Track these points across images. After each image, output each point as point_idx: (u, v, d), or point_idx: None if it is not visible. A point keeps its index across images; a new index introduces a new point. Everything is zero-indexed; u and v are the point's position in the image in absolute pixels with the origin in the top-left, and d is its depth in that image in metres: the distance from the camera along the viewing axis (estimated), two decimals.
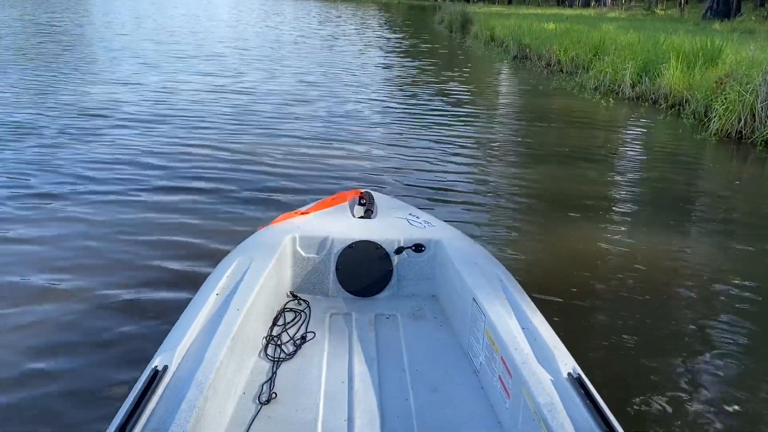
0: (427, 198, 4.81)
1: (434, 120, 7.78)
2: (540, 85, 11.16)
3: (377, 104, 8.73)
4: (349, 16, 35.47)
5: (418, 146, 6.41)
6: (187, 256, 3.61)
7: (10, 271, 3.38)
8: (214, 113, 7.64)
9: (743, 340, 2.96)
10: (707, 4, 25.23)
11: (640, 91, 9.69)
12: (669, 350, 2.86)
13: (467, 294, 2.23)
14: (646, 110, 9.00)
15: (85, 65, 11.32)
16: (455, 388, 2.04)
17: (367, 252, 2.61)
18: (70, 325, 2.86)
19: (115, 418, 1.49)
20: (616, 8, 34.07)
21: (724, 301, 3.36)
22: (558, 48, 13.33)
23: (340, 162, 5.69)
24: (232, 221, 4.16)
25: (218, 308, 2.01)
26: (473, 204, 4.74)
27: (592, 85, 10.80)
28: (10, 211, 4.23)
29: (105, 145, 6.01)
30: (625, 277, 3.58)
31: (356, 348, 2.24)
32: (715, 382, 2.64)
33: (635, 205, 4.85)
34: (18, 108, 7.54)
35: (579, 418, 1.53)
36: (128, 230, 3.96)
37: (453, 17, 26.22)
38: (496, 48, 17.92)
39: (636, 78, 9.93)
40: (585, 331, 3.00)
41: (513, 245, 3.98)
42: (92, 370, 2.53)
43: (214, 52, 14.59)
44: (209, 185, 4.87)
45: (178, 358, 1.74)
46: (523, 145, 6.64)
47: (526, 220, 4.42)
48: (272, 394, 1.95)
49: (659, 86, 9.38)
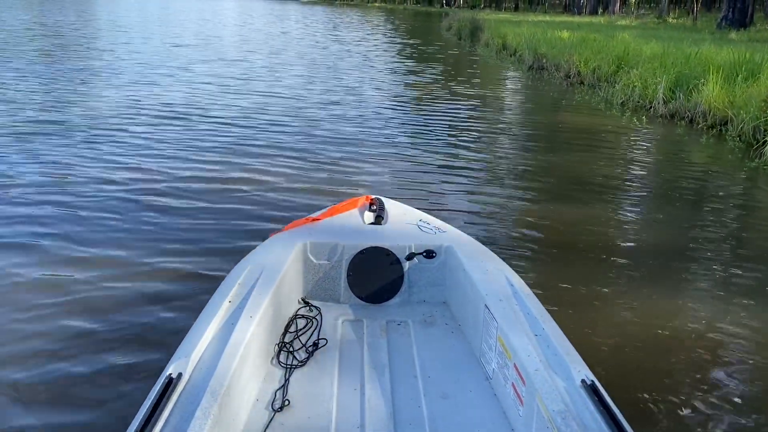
0: (438, 204, 4.67)
1: (448, 132, 7.39)
2: (562, 99, 10.21)
3: (389, 113, 8.40)
4: (356, 23, 34.56)
5: (431, 156, 6.16)
6: (198, 264, 3.52)
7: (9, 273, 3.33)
8: (225, 117, 7.56)
9: (761, 352, 2.84)
10: (722, 13, 24.23)
11: (674, 108, 8.73)
12: (686, 358, 2.78)
13: (479, 300, 2.19)
14: (684, 130, 8.04)
15: (104, 71, 10.77)
16: (467, 394, 2.00)
17: (378, 258, 2.56)
18: (82, 332, 2.80)
19: (130, 426, 1.47)
20: (624, 16, 33.13)
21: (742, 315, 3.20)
22: (578, 59, 12.37)
23: (350, 168, 5.56)
24: (243, 228, 4.07)
25: (231, 315, 1.98)
26: (485, 211, 4.62)
27: (619, 100, 9.84)
28: (24, 209, 4.23)
29: (117, 148, 5.96)
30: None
31: (368, 355, 2.21)
32: (732, 392, 2.55)
33: (681, 255, 3.91)
34: (43, 109, 7.60)
35: (593, 425, 1.50)
36: (139, 237, 3.85)
37: (462, 24, 25.24)
38: (508, 57, 16.96)
39: (668, 94, 8.98)
40: (598, 338, 2.92)
41: (526, 253, 3.85)
42: (106, 379, 2.49)
43: (227, 56, 14.10)
44: (220, 192, 4.76)
45: (191, 365, 1.71)
46: (546, 170, 5.70)
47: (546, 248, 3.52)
48: (285, 401, 1.93)
49: (695, 103, 8.42)
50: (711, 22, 26.75)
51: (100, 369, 2.54)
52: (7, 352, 2.64)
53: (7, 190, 4.62)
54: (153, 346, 2.69)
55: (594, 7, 37.81)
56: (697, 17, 27.97)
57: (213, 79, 10.72)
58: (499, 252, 3.58)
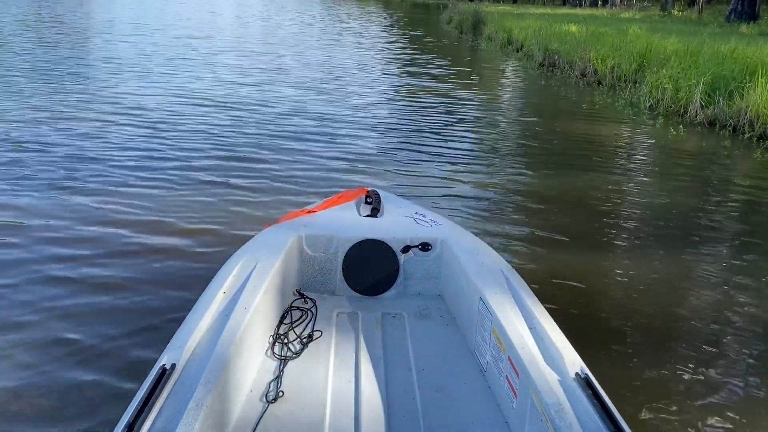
0: (434, 198, 4.55)
1: (448, 128, 6.99)
2: (582, 103, 9.02)
3: (388, 107, 8.07)
4: (354, 15, 33.18)
5: (430, 151, 5.90)
6: (193, 255, 3.44)
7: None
8: (216, 110, 7.30)
9: (755, 345, 2.74)
10: (731, 6, 23.01)
11: (713, 114, 7.56)
12: (681, 351, 2.70)
13: (474, 293, 2.14)
14: (730, 142, 6.88)
15: (112, 60, 10.02)
16: (462, 387, 1.97)
17: (374, 251, 2.50)
18: (74, 322, 2.71)
19: (123, 416, 1.43)
20: (625, 8, 31.85)
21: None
22: (595, 56, 11.17)
23: (346, 160, 5.41)
24: (238, 219, 3.97)
25: (225, 306, 1.94)
26: (481, 205, 4.50)
27: (646, 103, 8.67)
28: (26, 202, 4.15)
29: (109, 140, 5.77)
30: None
31: (363, 347, 2.16)
32: (729, 385, 2.47)
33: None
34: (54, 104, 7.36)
35: (587, 418, 1.46)
36: (133, 228, 3.75)
37: (463, 17, 23.91)
38: (514, 52, 15.72)
39: (705, 98, 7.80)
40: (593, 331, 2.84)
41: (522, 247, 3.79)
42: (99, 369, 2.40)
43: (226, 48, 13.17)
44: (215, 184, 4.64)
45: (185, 356, 1.67)
46: (561, 189, 4.56)
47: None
48: (279, 393, 1.89)
49: (739, 109, 7.26)
50: (717, 15, 25.51)
51: (92, 359, 2.48)
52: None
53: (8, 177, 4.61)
54: (147, 336, 2.63)
55: (594, 0, 36.50)
56: (702, 10, 26.70)
57: (211, 69, 10.42)
58: (495, 245, 3.55)
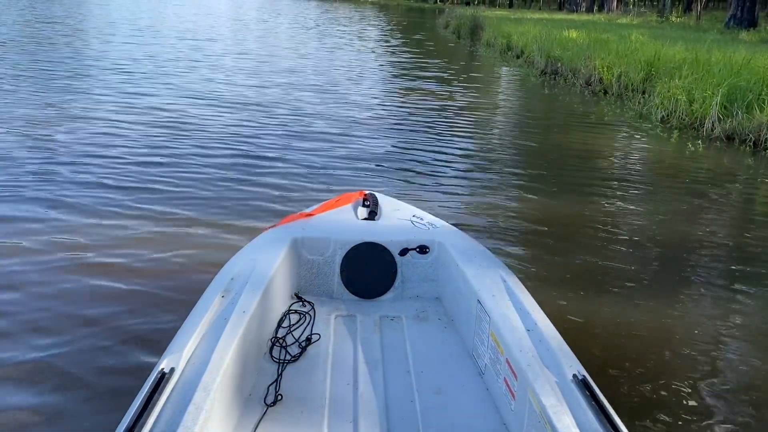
0: (432, 201, 4.51)
1: (446, 133, 6.90)
2: (590, 113, 8.51)
3: (386, 112, 7.90)
4: (350, 19, 32.65)
5: (427, 155, 5.84)
6: (192, 258, 3.37)
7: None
8: (214, 113, 7.19)
9: (756, 346, 2.72)
10: (730, 12, 22.60)
11: (731, 127, 7.07)
12: (679, 354, 2.67)
13: (472, 295, 2.13)
14: (753, 159, 6.38)
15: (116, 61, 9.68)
16: (460, 389, 1.95)
17: (372, 254, 2.49)
18: (72, 325, 2.67)
19: (122, 421, 1.42)
20: (622, 14, 31.45)
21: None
22: (601, 64, 10.67)
23: (344, 164, 5.38)
24: (236, 223, 3.90)
25: (224, 310, 1.92)
26: (478, 208, 4.47)
27: (657, 115, 8.17)
28: (26, 202, 4.09)
29: (109, 140, 5.75)
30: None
31: (361, 350, 2.14)
32: (726, 388, 2.45)
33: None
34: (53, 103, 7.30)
35: (585, 420, 1.45)
36: (128, 234, 3.65)
37: (461, 22, 23.42)
38: (514, 59, 15.22)
39: (722, 110, 7.31)
40: (591, 333, 2.80)
41: (521, 250, 3.70)
42: (97, 373, 2.35)
43: (222, 50, 12.79)
44: (214, 188, 4.57)
45: (184, 360, 1.65)
46: (576, 205, 4.04)
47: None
48: (278, 396, 1.88)
49: (760, 123, 6.77)
50: (714, 21, 25.12)
51: (91, 363, 2.41)
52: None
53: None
54: (145, 340, 2.58)
55: (590, 5, 36.13)
56: (700, 16, 26.31)
57: (206, 71, 10.39)
58: (493, 248, 3.52)
